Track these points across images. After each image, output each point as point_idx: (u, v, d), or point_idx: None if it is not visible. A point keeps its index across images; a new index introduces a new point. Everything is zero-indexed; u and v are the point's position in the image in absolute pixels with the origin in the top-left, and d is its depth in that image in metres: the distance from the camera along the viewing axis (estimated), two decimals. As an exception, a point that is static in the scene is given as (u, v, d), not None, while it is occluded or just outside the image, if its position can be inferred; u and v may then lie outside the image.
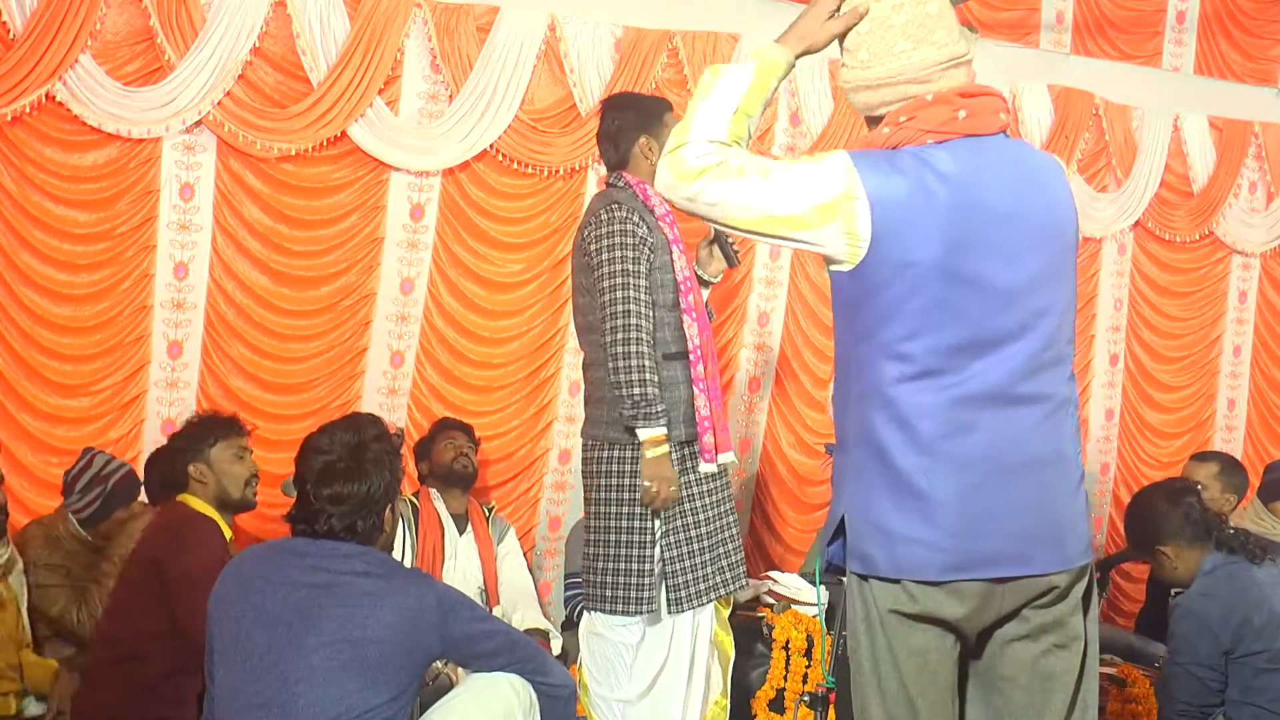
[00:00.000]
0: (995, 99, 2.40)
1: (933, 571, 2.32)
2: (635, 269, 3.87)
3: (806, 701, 3.58)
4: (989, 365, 2.31)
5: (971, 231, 2.29)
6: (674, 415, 3.92)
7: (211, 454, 3.99)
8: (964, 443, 2.31)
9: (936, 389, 2.31)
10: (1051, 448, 2.38)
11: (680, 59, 5.72)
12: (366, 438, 3.06)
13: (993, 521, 2.32)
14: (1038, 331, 2.34)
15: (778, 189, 2.32)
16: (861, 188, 2.28)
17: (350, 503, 2.99)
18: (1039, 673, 2.41)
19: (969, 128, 2.35)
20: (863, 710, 2.44)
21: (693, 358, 3.95)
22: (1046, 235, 2.37)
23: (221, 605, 3.02)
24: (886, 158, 2.34)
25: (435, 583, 3.13)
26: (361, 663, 2.88)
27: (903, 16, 2.37)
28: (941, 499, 2.31)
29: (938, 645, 2.38)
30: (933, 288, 2.28)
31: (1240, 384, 7.27)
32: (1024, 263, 2.33)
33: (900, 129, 2.36)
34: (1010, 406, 2.33)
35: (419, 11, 5.31)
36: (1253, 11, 7.07)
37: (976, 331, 2.30)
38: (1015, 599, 2.37)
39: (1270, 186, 7.13)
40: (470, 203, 5.55)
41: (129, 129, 4.90)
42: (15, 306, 4.86)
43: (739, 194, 2.32)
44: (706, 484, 4.03)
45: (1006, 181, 2.35)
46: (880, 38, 2.38)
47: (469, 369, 5.63)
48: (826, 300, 6.09)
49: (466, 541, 5.17)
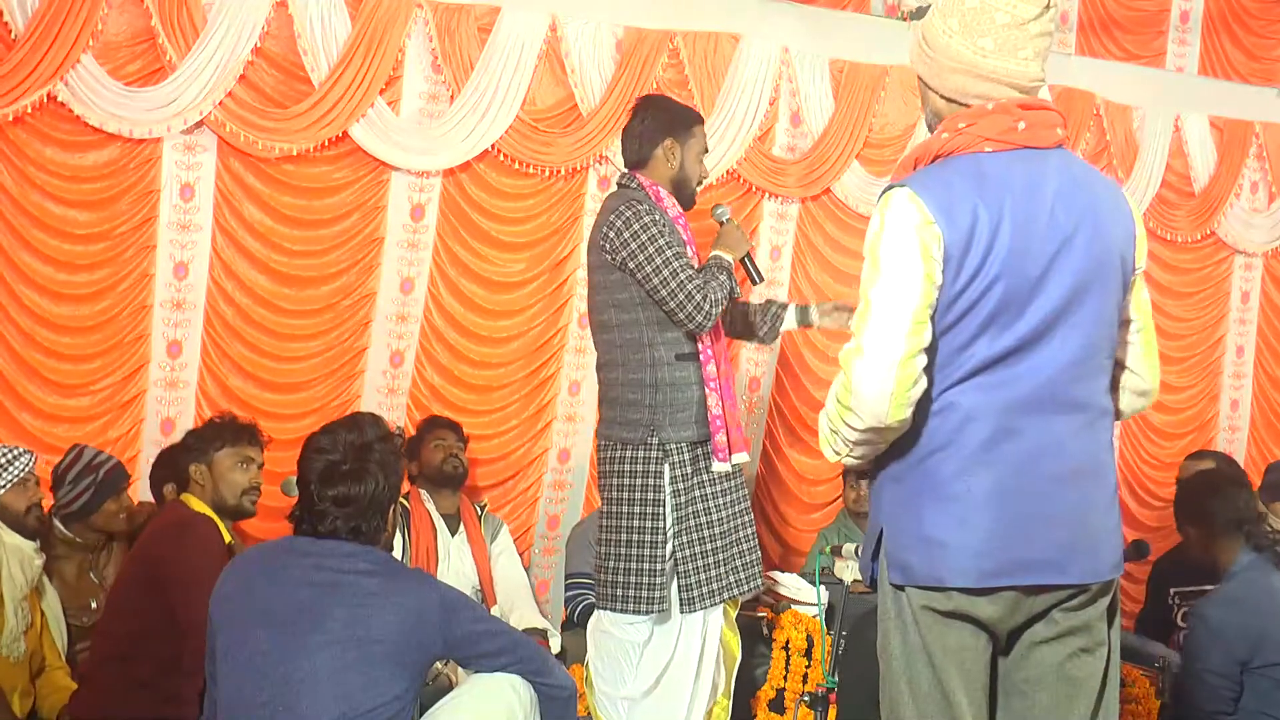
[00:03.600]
0: (1054, 114, 2.45)
1: (971, 578, 2.33)
2: (679, 249, 3.95)
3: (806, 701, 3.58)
4: (1033, 371, 2.34)
5: (1024, 240, 2.32)
6: (686, 415, 3.98)
7: (215, 457, 3.99)
8: (1007, 449, 2.33)
9: (983, 395, 2.33)
10: (1090, 457, 2.40)
11: (681, 59, 5.71)
12: (370, 438, 3.06)
13: (1032, 528, 2.33)
14: (1081, 340, 2.37)
15: (887, 316, 2.33)
16: (934, 224, 2.31)
17: (355, 504, 3.00)
18: (1064, 676, 2.42)
19: (1027, 139, 2.39)
20: (893, 710, 2.44)
21: (703, 358, 3.99)
22: (1096, 248, 2.39)
23: (224, 605, 3.02)
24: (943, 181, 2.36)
25: (437, 583, 3.14)
26: (364, 662, 2.88)
27: (1037, 28, 2.39)
28: (982, 505, 2.32)
29: (972, 644, 2.39)
30: (983, 296, 2.31)
31: (1243, 384, 7.26)
32: (1072, 273, 2.35)
33: (960, 135, 2.39)
34: (1053, 414, 2.35)
35: (420, 12, 5.31)
36: (1257, 11, 7.07)
37: (1022, 338, 2.33)
38: (1046, 601, 2.38)
39: (1272, 186, 7.12)
40: (471, 203, 5.55)
41: (130, 129, 4.90)
42: (15, 306, 4.86)
43: (886, 350, 2.32)
44: (721, 483, 4.05)
45: (1059, 194, 2.38)
46: (1014, 37, 2.39)
47: (469, 369, 5.63)
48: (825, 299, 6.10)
49: (459, 542, 5.15)
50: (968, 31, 2.39)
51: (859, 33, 6.15)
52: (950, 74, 2.43)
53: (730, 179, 5.90)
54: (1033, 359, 2.33)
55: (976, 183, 2.34)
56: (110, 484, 4.38)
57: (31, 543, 4.07)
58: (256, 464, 4.09)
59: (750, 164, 5.90)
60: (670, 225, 4.00)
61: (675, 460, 3.99)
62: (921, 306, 2.30)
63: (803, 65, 6.01)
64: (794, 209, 6.11)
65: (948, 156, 2.40)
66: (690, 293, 3.90)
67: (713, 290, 3.93)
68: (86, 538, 4.42)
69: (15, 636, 3.91)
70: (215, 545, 3.84)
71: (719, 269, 4.01)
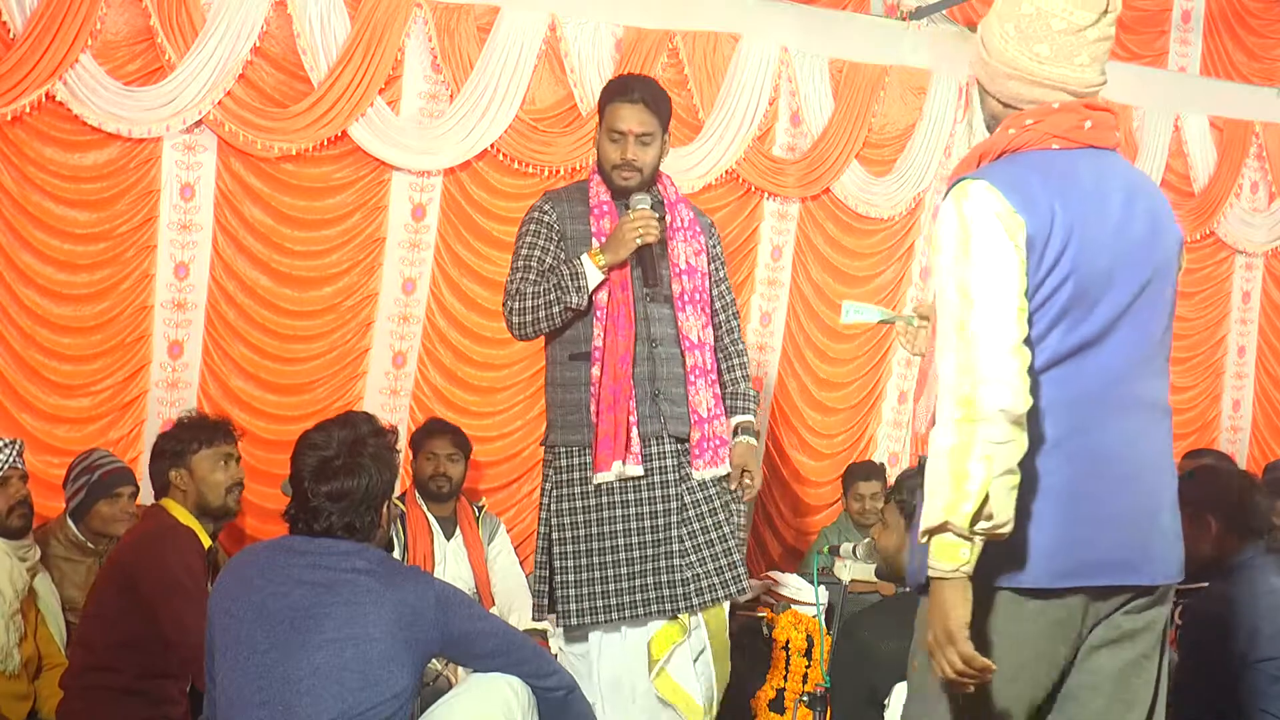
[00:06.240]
0: (1113, 116, 2.45)
1: (1044, 578, 2.27)
2: (532, 252, 3.80)
3: (805, 701, 3.58)
4: (1101, 368, 2.31)
5: (1096, 236, 2.32)
6: (575, 419, 3.77)
7: (193, 460, 3.83)
8: (1078, 445, 2.29)
9: (1053, 390, 2.29)
10: (1158, 456, 2.38)
11: (680, 59, 5.72)
12: (362, 433, 3.06)
13: (1104, 528, 2.29)
14: (1145, 338, 2.36)
15: (994, 301, 2.24)
16: (1017, 214, 2.27)
17: (349, 499, 2.99)
18: (1122, 683, 2.37)
19: (1092, 138, 2.39)
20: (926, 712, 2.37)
21: (593, 358, 3.76)
22: (1157, 249, 2.40)
23: (222, 605, 3.01)
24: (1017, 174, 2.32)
25: (434, 580, 3.13)
26: (363, 660, 2.88)
27: (1095, 33, 2.39)
28: (1053, 503, 2.28)
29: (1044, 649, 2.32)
30: (1058, 290, 2.29)
31: (1245, 384, 7.25)
32: (1139, 271, 2.35)
33: (1027, 131, 2.38)
34: (1121, 411, 2.33)
35: (419, 11, 5.31)
36: (1259, 11, 7.06)
37: (1092, 334, 2.31)
38: (1115, 603, 2.33)
39: (1272, 186, 7.12)
40: (472, 202, 5.55)
41: (129, 129, 4.91)
42: (15, 306, 4.87)
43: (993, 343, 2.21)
44: (612, 495, 3.73)
45: (1126, 193, 2.38)
46: (1070, 43, 2.38)
47: (471, 370, 5.63)
48: (828, 300, 6.14)
49: (455, 546, 5.09)
50: (1024, 38, 2.39)
51: (858, 32, 6.15)
52: (1006, 80, 2.42)
53: (730, 179, 5.91)
54: (1102, 355, 2.31)
55: (1048, 177, 2.32)
56: (104, 485, 4.35)
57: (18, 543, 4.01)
58: (235, 459, 3.95)
59: (750, 164, 5.90)
60: (562, 220, 3.83)
61: (560, 465, 3.79)
62: (1021, 289, 2.25)
63: (802, 65, 6.01)
64: (794, 209, 6.11)
65: (1015, 152, 2.39)
66: (505, 300, 3.79)
67: (527, 299, 3.73)
68: (93, 540, 4.41)
69: (7, 652, 3.89)
70: (190, 553, 3.71)
71: (567, 275, 3.72)
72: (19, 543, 4.04)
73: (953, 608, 2.18)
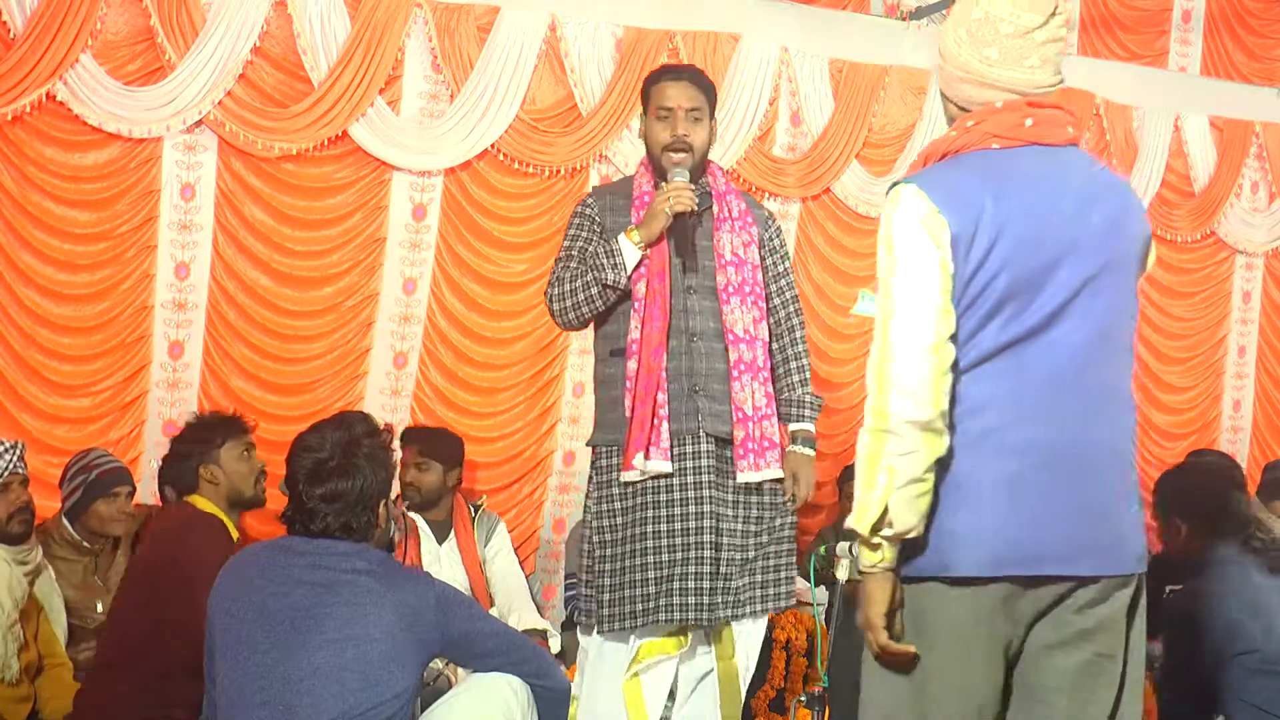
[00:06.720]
0: (1063, 113, 2.45)
1: (976, 567, 2.30)
2: (574, 244, 3.71)
3: (804, 702, 3.58)
4: (1041, 359, 2.33)
5: (1034, 230, 2.33)
6: (614, 416, 3.63)
7: (220, 454, 3.98)
8: (1017, 437, 2.32)
9: (991, 384, 2.33)
10: (1108, 446, 2.38)
11: (681, 59, 5.71)
12: (357, 433, 3.06)
13: (1044, 519, 2.31)
14: (1093, 330, 2.36)
15: (911, 306, 2.30)
16: (939, 214, 2.31)
17: (344, 500, 2.99)
18: (1079, 682, 2.37)
19: (1034, 136, 2.40)
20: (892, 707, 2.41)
21: (629, 353, 3.59)
22: (1112, 243, 2.39)
23: (221, 605, 3.02)
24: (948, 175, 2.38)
25: (434, 580, 3.14)
26: (363, 661, 2.88)
27: (1044, 35, 2.40)
28: (992, 494, 2.31)
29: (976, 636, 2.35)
30: (990, 283, 2.31)
31: (1245, 385, 7.24)
32: (1086, 265, 2.36)
33: (968, 132, 2.41)
34: (1064, 402, 2.33)
35: (419, 11, 5.32)
36: (1259, 11, 7.06)
37: (1031, 327, 2.33)
38: (1053, 594, 2.34)
39: (1272, 186, 7.12)
40: (472, 202, 5.56)
41: (130, 129, 4.92)
42: (16, 306, 4.88)
43: (914, 336, 2.28)
44: (640, 495, 3.57)
45: (1074, 187, 2.39)
46: (1018, 46, 2.40)
47: (472, 370, 5.63)
48: (828, 300, 6.14)
49: (448, 549, 5.02)
50: (975, 42, 2.41)
51: (858, 32, 6.15)
52: (960, 83, 2.45)
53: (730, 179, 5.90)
54: (1043, 348, 2.33)
55: (983, 175, 2.36)
56: (101, 485, 4.36)
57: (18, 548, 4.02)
58: (254, 449, 4.11)
59: (750, 164, 5.90)
60: (603, 213, 3.73)
61: (600, 465, 3.67)
62: (943, 290, 2.30)
63: (802, 65, 6.02)
64: (794, 209, 6.11)
65: (956, 154, 2.42)
66: (546, 290, 3.70)
67: (564, 284, 3.62)
68: (90, 540, 4.41)
69: (5, 662, 3.89)
70: (222, 543, 3.83)
71: (602, 253, 3.59)
72: (19, 547, 4.05)
73: (872, 602, 2.33)
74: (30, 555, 4.10)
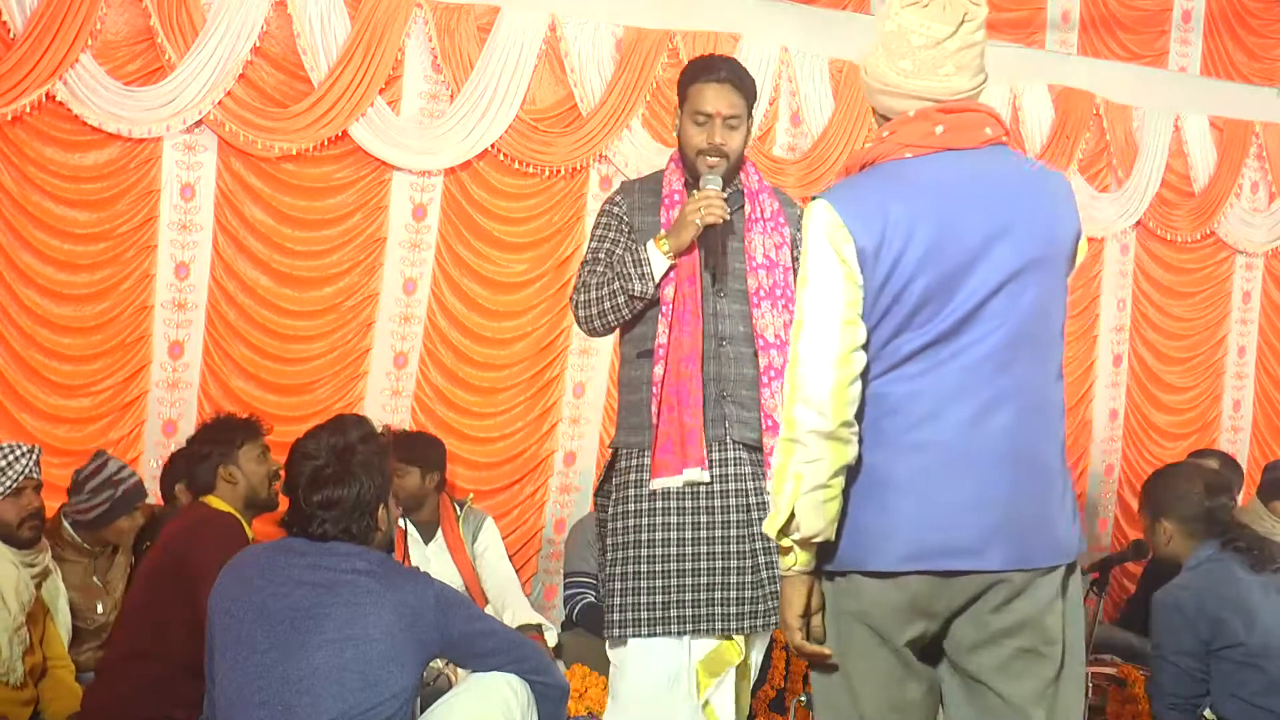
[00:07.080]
0: (979, 115, 2.46)
1: (888, 561, 2.35)
2: (601, 245, 3.63)
3: (804, 702, 3.58)
4: (957, 360, 2.37)
5: (945, 237, 2.36)
6: (638, 420, 3.57)
7: (240, 455, 4.01)
8: (930, 435, 2.36)
9: (908, 384, 2.37)
10: (1025, 445, 2.39)
11: (681, 59, 5.69)
12: (352, 440, 3.07)
13: (952, 515, 2.35)
14: (1011, 330, 2.38)
15: (817, 319, 2.37)
16: (844, 228, 2.36)
17: (341, 507, 3.01)
18: (1010, 667, 2.39)
19: (946, 142, 2.42)
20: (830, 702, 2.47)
21: (655, 356, 3.53)
22: (1031, 242, 2.41)
23: (221, 605, 3.03)
24: (858, 188, 2.43)
25: (433, 581, 3.14)
26: (362, 661, 2.89)
27: (955, 44, 2.42)
28: (904, 490, 2.36)
29: (889, 628, 2.41)
30: (903, 291, 2.35)
31: (1245, 384, 7.24)
32: (1001, 266, 2.38)
33: (882, 143, 2.46)
34: (980, 401, 2.36)
35: (419, 11, 5.32)
36: (1259, 11, 7.06)
37: (946, 330, 2.36)
38: (967, 591, 2.37)
39: (1272, 186, 7.11)
40: (472, 202, 5.55)
41: (129, 129, 4.92)
42: (15, 306, 4.87)
43: (823, 347, 2.36)
44: (666, 500, 3.50)
45: (986, 190, 2.41)
46: (931, 56, 2.42)
47: (473, 370, 5.63)
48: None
49: (436, 549, 5.01)
50: (890, 54, 2.45)
51: (858, 32, 6.12)
52: (879, 94, 2.49)
53: (764, 175, 5.90)
54: (957, 349, 2.36)
55: (892, 186, 2.39)
56: (126, 501, 4.38)
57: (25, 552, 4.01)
58: (269, 453, 4.13)
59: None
60: (632, 212, 3.65)
61: (620, 467, 3.60)
62: (849, 303, 2.35)
63: (802, 65, 6.02)
64: (794, 209, 6.11)
65: (872, 164, 2.47)
66: (571, 294, 3.63)
67: (590, 290, 3.55)
68: (93, 543, 4.42)
69: (10, 666, 3.90)
70: (238, 541, 3.84)
71: (630, 261, 3.52)
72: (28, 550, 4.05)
73: (788, 604, 2.44)
74: (38, 558, 4.10)
